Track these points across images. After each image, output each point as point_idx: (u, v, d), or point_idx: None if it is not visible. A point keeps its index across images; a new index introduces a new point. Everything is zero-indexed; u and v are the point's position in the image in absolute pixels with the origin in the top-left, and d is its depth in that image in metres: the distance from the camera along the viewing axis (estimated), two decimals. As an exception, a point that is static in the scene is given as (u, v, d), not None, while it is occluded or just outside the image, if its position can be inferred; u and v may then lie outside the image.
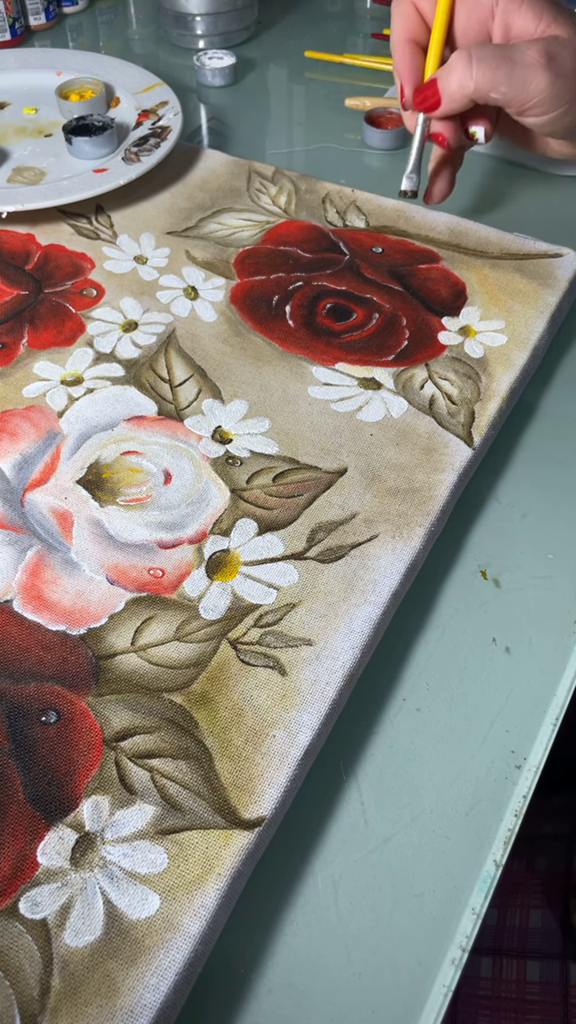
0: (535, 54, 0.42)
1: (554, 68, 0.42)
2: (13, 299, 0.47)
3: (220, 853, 0.27)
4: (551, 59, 0.42)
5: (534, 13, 0.43)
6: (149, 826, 0.28)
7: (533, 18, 0.43)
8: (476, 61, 0.42)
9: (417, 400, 0.41)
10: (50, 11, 0.75)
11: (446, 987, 0.27)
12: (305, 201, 0.53)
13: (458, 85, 0.43)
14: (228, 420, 0.40)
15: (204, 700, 0.31)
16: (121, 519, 0.36)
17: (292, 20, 0.78)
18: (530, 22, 0.43)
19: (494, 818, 0.30)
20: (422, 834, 0.30)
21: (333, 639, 0.32)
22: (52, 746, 0.29)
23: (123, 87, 0.60)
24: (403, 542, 0.35)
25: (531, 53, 0.42)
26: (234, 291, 0.47)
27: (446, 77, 0.43)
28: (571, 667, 0.34)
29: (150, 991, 0.25)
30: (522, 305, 0.45)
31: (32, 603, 0.33)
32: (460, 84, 0.43)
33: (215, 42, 0.72)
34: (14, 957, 0.25)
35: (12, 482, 0.38)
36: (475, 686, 0.34)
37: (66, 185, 0.51)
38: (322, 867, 0.29)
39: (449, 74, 0.43)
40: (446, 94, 0.44)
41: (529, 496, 0.40)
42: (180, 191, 0.54)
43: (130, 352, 0.44)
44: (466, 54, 0.42)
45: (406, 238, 0.50)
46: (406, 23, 0.46)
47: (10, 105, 0.61)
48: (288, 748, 0.30)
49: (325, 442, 0.39)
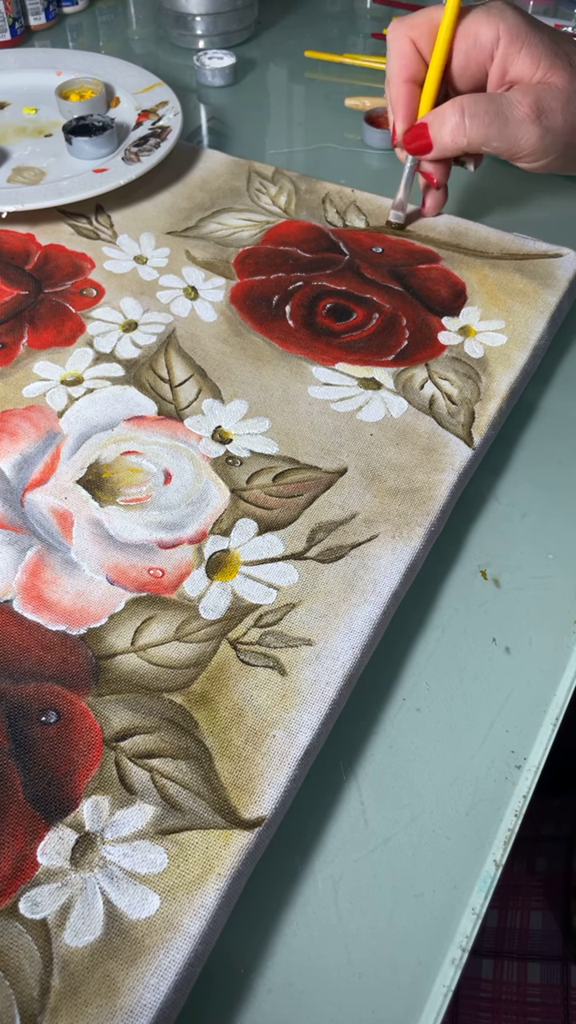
0: (526, 109, 0.43)
1: (544, 123, 0.43)
2: (13, 299, 0.47)
3: (220, 853, 0.27)
4: (541, 113, 0.43)
5: (532, 58, 0.43)
6: (149, 826, 0.28)
7: (531, 64, 0.43)
8: (469, 117, 0.43)
9: (417, 400, 0.41)
10: (50, 11, 0.75)
11: (446, 987, 0.27)
12: (305, 201, 0.53)
13: (451, 138, 0.44)
14: (228, 420, 0.40)
15: (204, 700, 0.31)
16: (121, 519, 0.36)
17: (292, 20, 0.78)
18: (528, 67, 0.43)
19: (494, 818, 0.30)
20: (422, 834, 0.30)
21: (333, 639, 0.32)
22: (52, 746, 0.29)
23: (123, 87, 0.60)
24: (403, 542, 0.35)
25: (522, 108, 0.43)
26: (234, 291, 0.47)
27: (439, 127, 0.44)
28: (571, 667, 0.34)
29: (150, 991, 0.25)
30: (522, 305, 0.45)
31: (32, 603, 0.33)
32: (453, 138, 0.44)
33: (215, 42, 0.72)
34: (14, 957, 0.25)
35: (12, 482, 0.38)
36: (475, 686, 0.34)
37: (66, 185, 0.51)
38: (322, 867, 0.29)
39: (442, 124, 0.44)
40: (438, 144, 0.45)
41: (529, 496, 0.40)
42: (180, 191, 0.54)
43: (130, 352, 0.44)
44: (459, 107, 0.43)
45: (406, 238, 0.50)
46: (403, 60, 0.45)
47: (10, 105, 0.61)
48: (288, 748, 0.30)
49: (325, 442, 0.39)
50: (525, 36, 0.43)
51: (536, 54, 0.43)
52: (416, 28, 0.45)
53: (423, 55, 0.45)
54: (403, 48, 0.45)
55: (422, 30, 0.45)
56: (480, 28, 0.43)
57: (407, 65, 0.45)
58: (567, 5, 0.76)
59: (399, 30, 0.45)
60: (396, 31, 0.45)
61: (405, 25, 0.45)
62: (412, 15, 0.45)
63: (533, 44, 0.43)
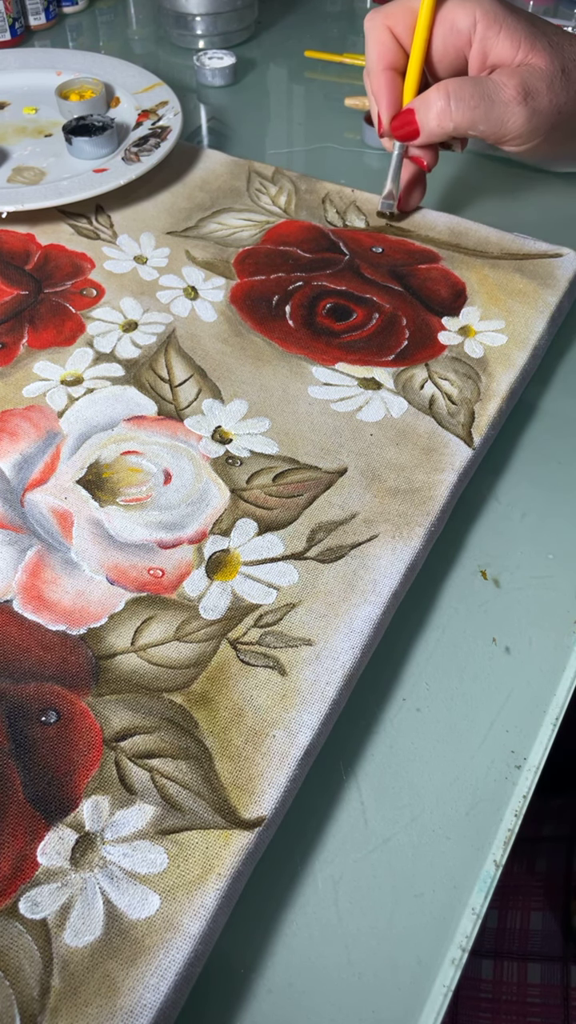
0: (512, 91, 0.43)
1: (531, 104, 0.43)
2: (13, 299, 0.47)
3: (220, 853, 0.27)
4: (528, 95, 0.43)
5: (512, 41, 0.43)
6: (149, 826, 0.28)
7: (511, 46, 0.43)
8: (455, 100, 0.43)
9: (417, 400, 0.41)
10: (50, 11, 0.75)
11: (446, 987, 0.27)
12: (305, 201, 0.53)
13: (437, 123, 0.44)
14: (228, 420, 0.40)
15: (204, 700, 0.31)
16: (121, 519, 0.36)
17: (292, 20, 0.78)
18: (508, 50, 0.43)
19: (494, 818, 0.30)
20: (422, 834, 0.30)
21: (333, 639, 0.32)
22: (52, 746, 0.29)
23: (123, 87, 0.60)
24: (403, 542, 0.35)
25: (508, 91, 0.43)
26: (234, 291, 0.47)
27: (425, 111, 0.44)
28: (571, 667, 0.34)
29: (150, 991, 0.25)
30: (522, 305, 0.45)
31: (32, 603, 0.33)
32: (439, 122, 0.44)
33: (215, 42, 0.72)
34: (14, 957, 0.25)
35: (12, 482, 0.38)
36: (475, 686, 0.34)
37: (66, 185, 0.51)
38: (322, 867, 0.29)
39: (428, 109, 0.44)
40: (425, 129, 0.45)
41: (529, 496, 0.40)
42: (180, 191, 0.54)
43: (130, 352, 0.44)
44: (444, 91, 0.43)
45: (406, 238, 0.50)
46: (382, 49, 0.45)
47: (10, 105, 0.61)
48: (288, 748, 0.30)
49: (325, 442, 0.39)
50: (503, 19, 0.43)
51: (516, 36, 0.43)
52: (392, 16, 0.45)
53: (402, 43, 0.45)
54: (381, 37, 0.45)
55: (399, 18, 0.45)
56: (456, 14, 0.43)
57: (386, 54, 0.45)
58: (567, 5, 0.76)
59: (376, 19, 0.45)
60: (373, 20, 0.46)
61: (382, 14, 0.45)
62: (388, 4, 0.45)
63: (511, 27, 0.43)
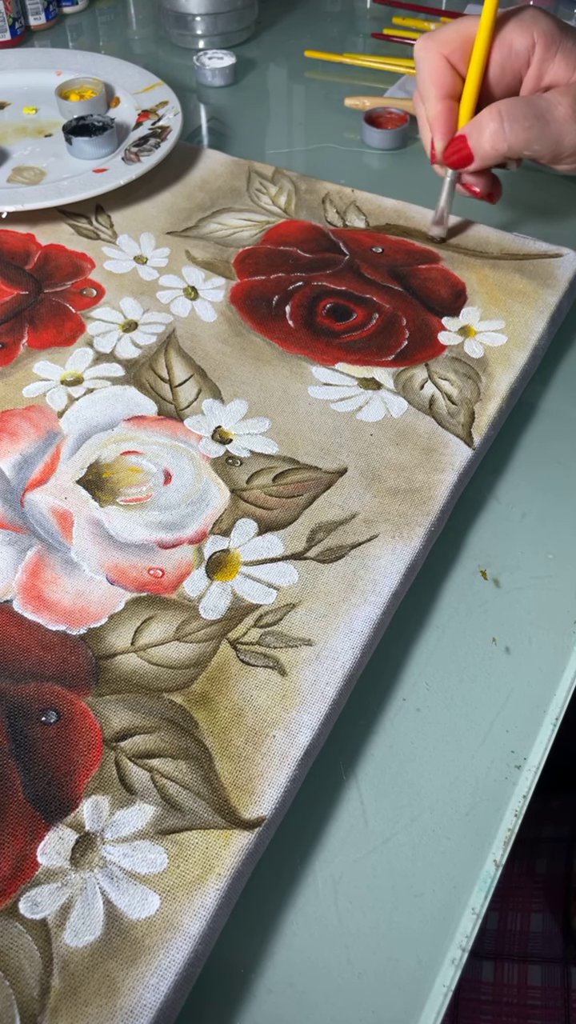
0: (567, 109, 0.42)
1: None
2: (13, 299, 0.47)
3: (220, 853, 0.27)
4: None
5: (568, 61, 0.43)
6: (149, 826, 0.28)
7: (567, 66, 0.43)
8: (508, 121, 0.42)
9: (417, 400, 0.41)
10: (50, 11, 0.75)
11: (446, 987, 0.27)
12: (305, 201, 0.53)
13: (491, 145, 0.43)
14: (228, 420, 0.40)
15: (204, 700, 0.31)
16: (121, 519, 0.36)
17: (292, 20, 0.78)
18: (564, 70, 0.43)
19: (494, 818, 0.30)
20: (422, 834, 0.30)
21: (333, 639, 0.32)
22: (52, 746, 0.29)
23: (123, 87, 0.60)
24: (403, 542, 0.35)
25: (562, 109, 0.42)
26: (234, 291, 0.47)
27: (478, 135, 0.43)
28: (571, 667, 0.34)
29: (150, 991, 0.25)
30: (522, 305, 0.45)
31: (32, 603, 0.33)
32: (493, 144, 0.43)
33: (215, 42, 0.72)
34: (14, 957, 0.25)
35: (12, 482, 0.38)
36: (475, 686, 0.34)
37: (66, 185, 0.51)
38: (322, 867, 0.29)
39: (481, 132, 0.43)
40: (479, 153, 0.44)
41: (529, 496, 0.40)
42: (180, 191, 0.54)
43: (130, 352, 0.44)
44: (496, 113, 0.43)
45: (406, 238, 0.50)
46: (438, 77, 0.44)
47: (10, 105, 0.61)
48: (288, 748, 0.30)
49: (325, 442, 0.39)
50: (559, 40, 0.43)
51: (572, 58, 0.43)
52: (448, 44, 0.44)
53: (456, 68, 0.44)
54: (437, 64, 0.44)
55: (454, 45, 0.44)
56: (515, 37, 0.43)
57: (443, 83, 0.44)
58: (567, 5, 0.76)
59: (429, 45, 0.44)
60: (427, 49, 0.44)
61: (436, 41, 0.44)
62: (439, 30, 0.44)
63: (567, 48, 0.43)
